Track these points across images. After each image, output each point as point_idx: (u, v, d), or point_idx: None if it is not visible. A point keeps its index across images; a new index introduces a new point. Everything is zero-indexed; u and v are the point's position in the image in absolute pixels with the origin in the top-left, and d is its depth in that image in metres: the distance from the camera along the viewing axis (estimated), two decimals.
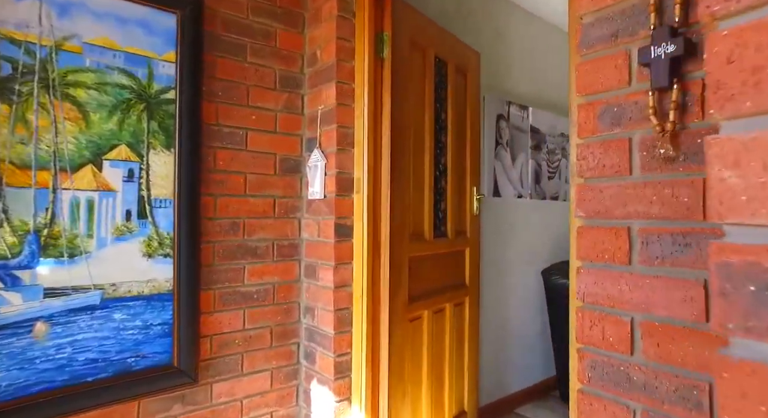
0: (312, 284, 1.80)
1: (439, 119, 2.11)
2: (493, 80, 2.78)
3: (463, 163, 2.28)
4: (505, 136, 2.84)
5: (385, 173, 1.76)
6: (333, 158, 1.73)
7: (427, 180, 1.98)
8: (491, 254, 2.75)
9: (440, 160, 2.12)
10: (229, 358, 1.65)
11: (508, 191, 2.85)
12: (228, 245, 1.67)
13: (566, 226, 3.40)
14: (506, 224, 2.88)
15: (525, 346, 3.03)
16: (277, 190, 1.81)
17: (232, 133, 1.69)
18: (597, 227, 0.91)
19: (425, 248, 1.97)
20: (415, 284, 1.90)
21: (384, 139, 1.77)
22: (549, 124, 3.17)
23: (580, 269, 0.94)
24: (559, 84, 3.32)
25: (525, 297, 3.03)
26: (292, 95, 1.86)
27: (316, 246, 1.79)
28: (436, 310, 2.05)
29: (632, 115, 0.86)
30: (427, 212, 1.98)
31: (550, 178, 3.19)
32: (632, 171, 0.86)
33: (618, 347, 0.87)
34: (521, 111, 2.95)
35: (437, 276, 2.07)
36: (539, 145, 3.10)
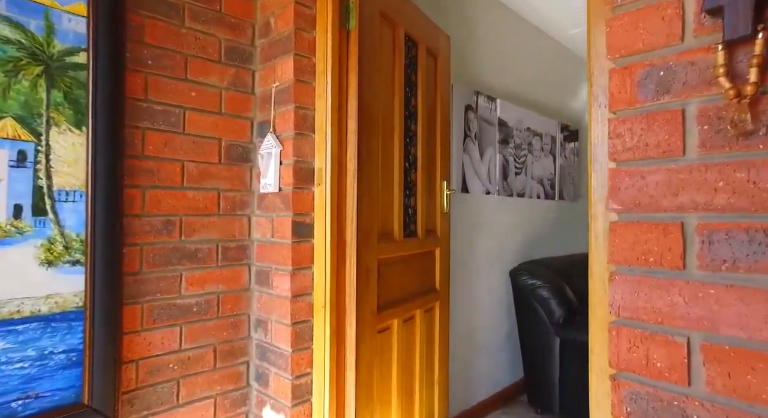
0: (265, 292, 1.53)
1: (408, 105, 1.89)
2: (461, 68, 2.60)
3: (434, 155, 2.07)
4: (474, 128, 2.68)
5: (351, 163, 1.52)
6: (290, 145, 1.46)
7: (396, 173, 1.76)
8: (459, 253, 2.57)
9: (410, 150, 1.90)
10: (162, 386, 1.34)
11: (476, 187, 2.69)
12: (160, 249, 1.36)
13: (534, 224, 3.30)
14: (474, 221, 2.72)
15: (492, 349, 2.89)
16: (222, 182, 1.52)
17: (166, 111, 1.38)
18: (637, 222, 0.72)
19: (395, 249, 1.75)
20: (384, 291, 1.67)
21: (350, 123, 1.53)
22: (516, 118, 3.04)
23: (614, 275, 0.75)
24: (527, 78, 3.21)
25: (492, 299, 2.89)
26: (240, 71, 1.57)
27: (270, 248, 1.52)
28: (406, 318, 1.83)
29: (687, 80, 0.67)
30: (396, 208, 1.76)
31: (517, 174, 3.07)
32: (686, 151, 0.67)
33: (669, 375, 0.68)
34: (489, 103, 2.80)
35: (407, 280, 1.86)
36: (507, 140, 2.96)
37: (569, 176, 3.73)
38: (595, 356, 0.86)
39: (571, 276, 2.95)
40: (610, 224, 0.76)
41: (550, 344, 2.63)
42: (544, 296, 2.65)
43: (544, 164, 3.37)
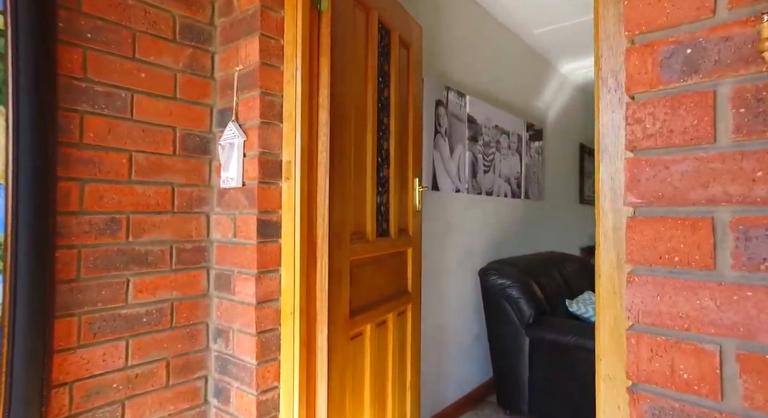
0: (226, 299, 1.37)
1: (381, 97, 1.79)
2: (431, 62, 2.53)
3: (406, 151, 1.98)
4: (444, 124, 2.61)
5: (323, 157, 1.39)
6: (254, 134, 1.32)
7: (369, 168, 1.65)
8: (429, 253, 2.49)
9: (382, 145, 1.80)
10: (102, 411, 1.17)
11: (446, 185, 2.62)
12: (103, 251, 1.18)
13: (501, 223, 3.28)
14: (444, 220, 2.65)
15: (462, 351, 2.83)
16: (178, 175, 1.35)
17: (110, 94, 1.20)
18: (661, 217, 0.65)
19: (368, 250, 1.63)
20: (357, 294, 1.56)
21: (322, 114, 1.40)
22: (485, 115, 3.01)
23: (632, 276, 0.67)
24: (495, 76, 3.18)
25: (462, 299, 2.83)
26: (198, 52, 1.41)
27: (232, 250, 1.36)
28: (378, 322, 1.73)
29: (720, 58, 0.60)
30: (369, 206, 1.65)
31: (485, 173, 3.03)
32: (717, 137, 0.61)
33: (699, 388, 0.61)
34: (459, 99, 2.74)
35: (380, 283, 1.75)
36: (476, 137, 2.92)
37: (534, 175, 3.75)
38: (603, 364, 0.78)
39: (538, 275, 2.95)
40: (627, 220, 0.68)
41: (520, 344, 2.60)
42: (513, 296, 2.62)
43: (511, 163, 3.36)
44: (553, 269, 3.20)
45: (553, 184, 4.21)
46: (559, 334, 2.40)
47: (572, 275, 3.36)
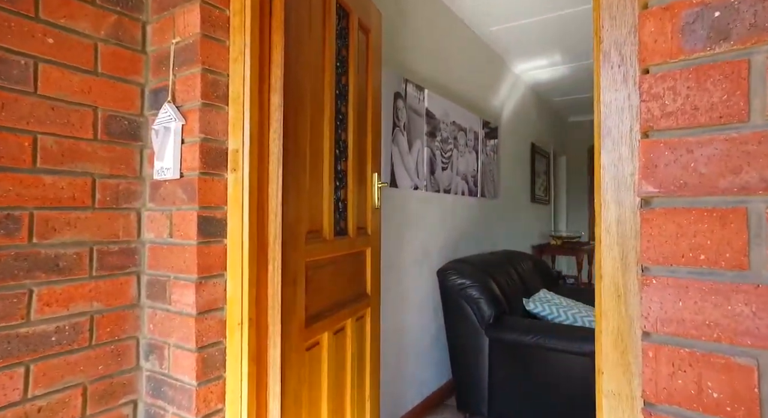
0: (160, 309, 1.18)
1: (339, 83, 1.64)
2: (390, 52, 2.41)
3: (365, 143, 1.84)
4: (403, 118, 2.50)
5: (275, 145, 1.23)
6: (195, 118, 1.14)
7: (326, 161, 1.50)
8: (387, 253, 2.37)
9: (340, 136, 1.65)
10: None
11: (404, 181, 2.51)
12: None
13: (459, 221, 3.23)
14: (402, 218, 2.54)
15: (421, 354, 2.74)
16: (100, 164, 1.14)
17: (4, 60, 0.98)
18: (683, 208, 0.56)
19: (325, 250, 1.48)
20: (313, 299, 1.40)
21: (274, 97, 1.23)
22: (443, 111, 2.93)
23: (648, 278, 0.58)
24: (452, 71, 3.12)
25: (420, 300, 2.74)
26: (125, 20, 1.20)
27: (168, 252, 1.17)
28: (336, 330, 1.58)
29: (756, 21, 0.52)
30: (326, 202, 1.50)
31: (443, 169, 2.96)
32: (752, 114, 0.52)
33: (733, 409, 0.52)
34: (418, 92, 2.64)
35: (338, 286, 1.61)
36: (434, 133, 2.83)
37: (490, 173, 3.73)
38: (606, 379, 0.68)
39: (496, 274, 2.91)
40: (643, 212, 0.58)
41: (480, 345, 2.54)
42: (473, 296, 2.56)
43: (468, 160, 3.32)
44: (511, 267, 3.19)
45: (507, 182, 4.23)
46: (520, 334, 2.36)
47: (528, 274, 3.37)
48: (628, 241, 0.66)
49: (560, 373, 2.27)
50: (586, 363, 2.19)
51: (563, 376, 2.27)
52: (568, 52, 3.94)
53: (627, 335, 0.66)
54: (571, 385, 2.25)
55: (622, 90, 0.67)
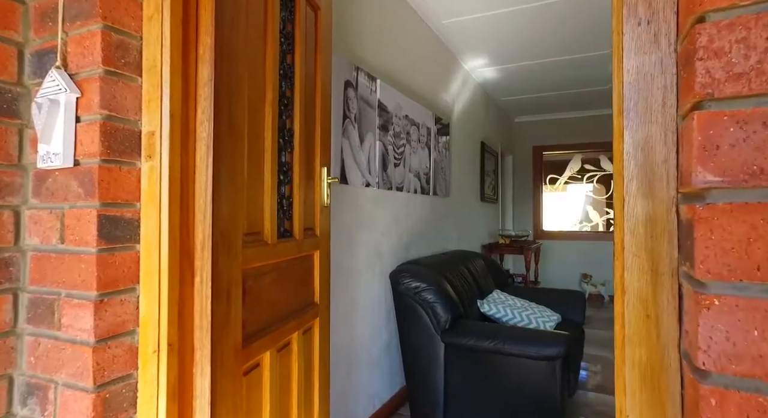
0: (45, 336, 0.91)
1: (284, 63, 1.43)
2: (341, 37, 2.21)
3: (313, 133, 1.64)
4: (354, 109, 2.31)
5: (204, 128, 1.00)
6: (94, 90, 0.88)
7: (268, 150, 1.28)
8: (336, 255, 2.18)
9: (285, 123, 1.44)
10: None
11: (355, 177, 2.32)
12: None
13: (411, 221, 3.08)
14: (353, 218, 2.35)
15: (372, 363, 2.56)
16: None
17: None
18: (758, 203, 0.41)
19: (267, 255, 1.27)
20: (252, 314, 1.18)
21: (203, 68, 1.00)
22: (395, 103, 2.77)
23: (705, 297, 0.43)
24: (405, 62, 2.97)
25: (372, 306, 2.56)
26: None
27: (58, 261, 0.91)
28: (280, 346, 1.37)
29: None
30: (268, 199, 1.28)
31: (396, 166, 2.80)
32: None
33: None
34: (370, 82, 2.46)
35: (282, 295, 1.39)
36: (386, 126, 2.67)
37: (442, 171, 3.63)
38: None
39: (451, 276, 2.80)
40: (700, 209, 0.44)
41: (435, 351, 2.41)
42: (428, 300, 2.42)
43: (420, 157, 3.19)
44: (464, 268, 3.09)
45: (458, 180, 4.16)
46: (478, 339, 2.24)
47: (481, 274, 3.30)
48: (661, 246, 0.52)
49: (519, 378, 2.19)
50: (544, 367, 2.11)
51: (522, 381, 2.18)
52: (518, 50, 3.92)
53: (661, 369, 0.51)
54: (530, 390, 2.16)
55: (652, 53, 0.53)
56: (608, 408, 2.79)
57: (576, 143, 6.43)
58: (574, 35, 3.60)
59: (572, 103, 5.82)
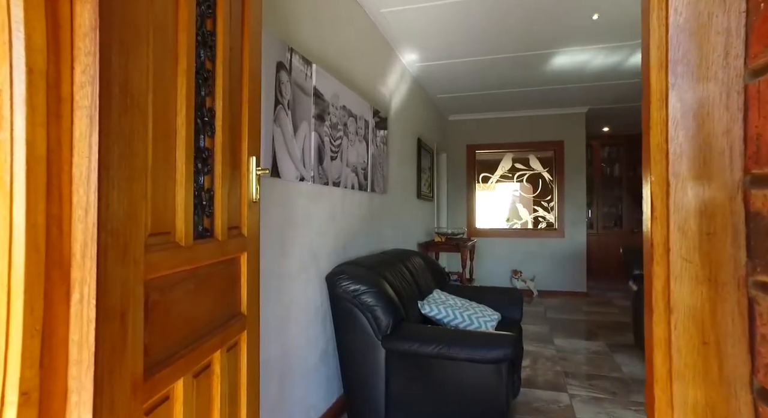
0: None
1: (202, 27, 1.18)
2: (273, 10, 1.97)
3: (239, 116, 1.40)
4: (287, 94, 2.07)
5: (84, 93, 0.74)
6: None
7: (182, 130, 1.04)
8: (266, 256, 1.94)
9: (204, 101, 1.19)
10: None
11: (288, 170, 2.09)
12: None
13: (348, 218, 2.90)
14: (286, 215, 2.12)
15: (307, 374, 2.34)
16: None
17: None
18: None
19: (180, 260, 1.02)
20: (159, 335, 0.94)
21: (83, 11, 0.75)
22: (333, 92, 2.57)
23: None
24: (343, 49, 2.77)
25: (307, 312, 2.35)
26: None
27: None
28: (198, 370, 1.13)
29: None
30: (182, 190, 1.04)
31: (332, 159, 2.60)
32: None
33: None
34: (305, 66, 2.24)
35: (201, 308, 1.15)
36: (322, 116, 2.46)
37: (380, 166, 3.48)
38: None
39: (391, 277, 2.66)
40: None
41: (376, 358, 2.25)
42: (369, 303, 2.25)
43: (358, 150, 3.01)
44: (404, 268, 2.97)
45: (395, 177, 4.04)
46: (422, 344, 2.11)
47: (420, 273, 3.19)
48: (722, 247, 0.38)
49: (465, 383, 2.09)
50: (491, 370, 2.03)
51: (468, 386, 2.08)
52: (455, 46, 3.87)
53: (727, 416, 0.38)
54: (476, 394, 2.07)
55: None
56: (543, 403, 2.80)
57: (507, 143, 6.60)
58: (513, 33, 3.61)
59: (505, 103, 5.95)
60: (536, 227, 7.05)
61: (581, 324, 4.81)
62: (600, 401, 2.86)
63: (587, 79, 4.88)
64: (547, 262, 6.36)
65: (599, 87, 5.17)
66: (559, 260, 6.32)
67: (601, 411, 2.71)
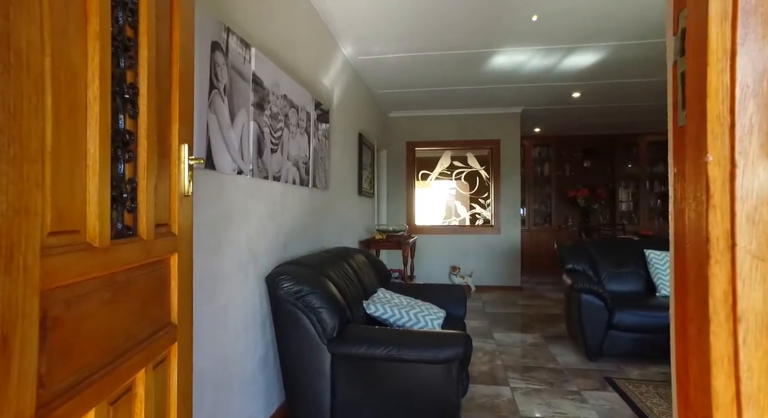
0: None
1: None
2: None
3: (168, 97, 1.21)
4: (223, 78, 1.88)
5: None
6: None
7: (94, 108, 0.85)
8: (201, 258, 1.75)
9: (125, 75, 1.00)
10: None
11: (225, 162, 1.90)
12: None
13: (289, 215, 2.73)
14: (222, 210, 1.93)
15: (246, 382, 2.16)
16: None
17: None
18: None
19: (91, 265, 0.84)
20: (62, 359, 0.75)
21: None
22: (273, 80, 2.39)
23: None
24: (284, 35, 2.59)
25: (245, 316, 2.16)
26: None
27: None
28: (115, 396, 0.94)
29: None
30: (95, 180, 0.85)
31: (273, 152, 2.42)
32: None
33: None
34: (243, 49, 2.05)
35: (120, 322, 0.96)
36: (262, 104, 2.27)
37: (321, 161, 3.33)
38: None
39: (336, 277, 2.53)
40: None
41: (321, 363, 2.12)
42: (313, 305, 2.11)
43: (300, 143, 2.84)
44: (348, 267, 2.85)
45: (337, 172, 3.91)
46: (370, 346, 2.01)
47: (364, 272, 3.09)
48: None
49: (415, 385, 2.02)
50: (442, 371, 1.98)
51: (418, 388, 2.01)
52: (398, 40, 3.81)
53: None
54: (426, 396, 2.01)
55: None
56: (487, 399, 2.81)
57: (447, 140, 6.68)
58: (455, 30, 3.61)
59: (445, 101, 6.00)
60: (473, 223, 7.22)
61: (517, 317, 4.97)
62: (539, 392, 2.93)
63: (523, 80, 5.03)
64: (484, 258, 6.52)
65: (533, 88, 5.36)
66: (496, 255, 6.51)
67: (541, 402, 2.77)
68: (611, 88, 5.35)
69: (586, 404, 2.75)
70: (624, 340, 3.38)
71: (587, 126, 7.69)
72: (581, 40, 3.85)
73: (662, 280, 3.68)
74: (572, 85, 5.23)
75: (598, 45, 3.97)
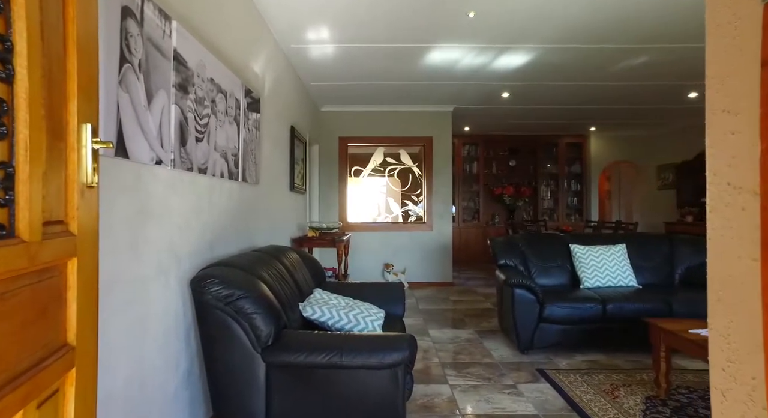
0: None
1: None
2: None
3: (62, 62, 0.97)
4: (138, 52, 1.61)
5: None
6: None
7: None
8: (110, 262, 1.48)
9: None
10: None
11: (140, 150, 1.64)
12: None
13: (216, 211, 2.47)
14: (138, 205, 1.66)
15: (167, 401, 1.90)
16: None
17: None
18: None
19: None
20: None
21: None
22: (198, 60, 2.13)
23: None
24: (211, 13, 2.32)
25: (166, 325, 1.90)
26: None
27: None
28: None
29: None
30: None
31: (198, 140, 2.16)
32: None
33: None
34: (163, 21, 1.78)
35: None
36: (186, 86, 2.01)
37: (252, 153, 3.08)
38: None
39: (269, 279, 2.33)
40: None
41: (254, 373, 1.92)
42: (245, 311, 1.91)
43: (228, 133, 2.59)
44: (282, 267, 2.65)
45: (268, 166, 3.67)
46: (310, 354, 1.85)
47: (299, 272, 2.91)
48: None
49: (357, 393, 1.89)
50: (386, 376, 1.87)
51: (361, 395, 1.89)
52: (333, 29, 3.64)
53: None
54: (369, 403, 1.89)
55: None
56: (428, 399, 2.77)
57: (380, 136, 6.61)
58: (389, 22, 3.51)
59: (378, 97, 5.92)
60: (406, 220, 7.23)
61: (451, 313, 5.02)
62: (477, 388, 2.93)
63: (455, 78, 5.08)
64: (417, 254, 6.55)
65: (465, 87, 5.44)
66: (428, 252, 6.57)
67: (480, 399, 2.77)
68: (538, 90, 5.58)
69: (521, 397, 2.79)
70: (552, 332, 3.50)
71: (513, 126, 8.02)
72: (516, 40, 3.93)
73: (585, 273, 3.87)
74: (502, 85, 5.38)
75: (529, 46, 4.09)
